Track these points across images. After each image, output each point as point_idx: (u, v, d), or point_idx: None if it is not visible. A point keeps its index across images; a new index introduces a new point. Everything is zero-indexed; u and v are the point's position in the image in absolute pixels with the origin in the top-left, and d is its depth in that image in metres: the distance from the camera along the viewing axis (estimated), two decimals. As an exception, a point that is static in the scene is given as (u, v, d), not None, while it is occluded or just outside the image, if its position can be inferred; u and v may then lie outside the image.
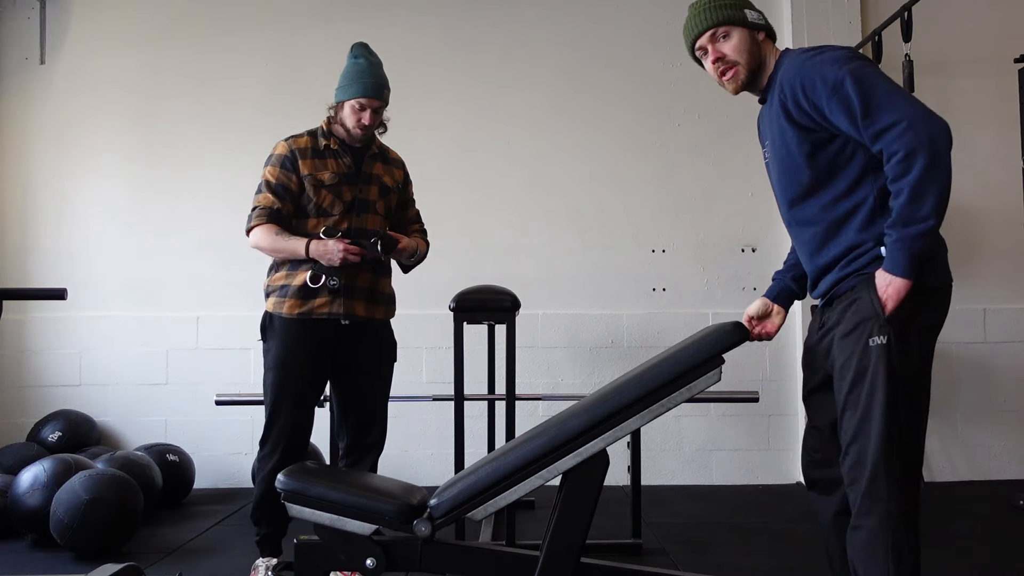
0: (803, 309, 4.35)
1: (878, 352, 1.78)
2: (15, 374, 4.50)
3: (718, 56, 1.97)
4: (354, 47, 2.75)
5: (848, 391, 1.83)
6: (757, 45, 1.98)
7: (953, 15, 4.47)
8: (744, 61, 1.96)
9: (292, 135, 2.77)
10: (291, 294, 2.66)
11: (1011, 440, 4.37)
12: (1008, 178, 4.18)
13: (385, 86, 2.74)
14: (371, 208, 2.75)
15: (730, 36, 1.96)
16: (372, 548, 1.90)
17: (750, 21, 1.97)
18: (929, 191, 1.73)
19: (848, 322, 1.84)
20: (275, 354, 2.68)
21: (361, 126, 2.70)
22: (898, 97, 1.80)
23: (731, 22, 1.95)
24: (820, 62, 1.85)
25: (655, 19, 4.57)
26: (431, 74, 4.57)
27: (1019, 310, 4.40)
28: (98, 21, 4.62)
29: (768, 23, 2.02)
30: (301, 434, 2.73)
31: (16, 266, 4.54)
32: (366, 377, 2.78)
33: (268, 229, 2.66)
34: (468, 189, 4.53)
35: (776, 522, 3.66)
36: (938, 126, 1.79)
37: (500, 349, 3.55)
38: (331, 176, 2.69)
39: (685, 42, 2.04)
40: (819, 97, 1.82)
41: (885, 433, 1.76)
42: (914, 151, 1.74)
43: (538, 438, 1.90)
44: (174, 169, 4.54)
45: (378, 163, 2.81)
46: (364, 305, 2.72)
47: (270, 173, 2.70)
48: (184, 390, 4.43)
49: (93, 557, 3.04)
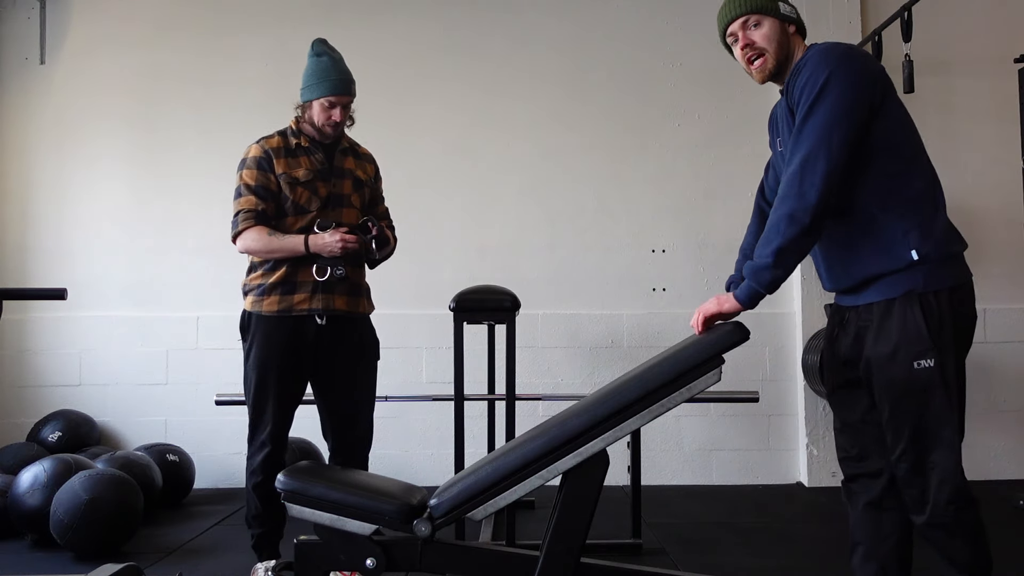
0: (803, 309, 4.35)
1: (926, 375, 1.83)
2: (15, 374, 4.50)
3: (747, 43, 2.00)
4: (314, 44, 2.74)
5: (895, 409, 1.88)
6: (787, 37, 2.01)
7: (953, 15, 4.47)
8: (772, 50, 1.99)
9: (263, 136, 2.77)
10: (269, 292, 2.66)
11: (1011, 440, 4.37)
12: (1008, 178, 4.18)
13: (351, 81, 2.74)
14: (346, 202, 2.75)
15: (761, 25, 1.99)
16: (372, 548, 1.89)
17: (782, 13, 2.01)
18: (780, 234, 1.84)
19: (886, 341, 1.87)
20: (256, 354, 2.68)
21: (332, 123, 2.70)
22: (823, 138, 1.83)
23: (763, 11, 1.99)
24: (821, 58, 1.89)
25: (655, 20, 4.57)
26: (432, 74, 4.57)
27: (1019, 310, 4.40)
28: (98, 21, 4.62)
29: (800, 18, 2.05)
30: (285, 432, 2.74)
31: (16, 266, 4.54)
32: (347, 374, 2.75)
33: (259, 231, 2.65)
34: (468, 189, 4.53)
35: (776, 522, 3.66)
36: (814, 192, 1.82)
37: (500, 349, 3.55)
38: (305, 173, 2.69)
39: (718, 27, 2.07)
40: (799, 87, 1.89)
41: (942, 440, 1.85)
42: (785, 196, 1.85)
43: (538, 438, 1.90)
44: (174, 169, 4.54)
45: (349, 157, 2.82)
46: (346, 299, 2.72)
47: (248, 176, 2.69)
48: (184, 390, 4.43)
49: (93, 557, 3.05)
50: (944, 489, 1.84)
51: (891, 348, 1.86)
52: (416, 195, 4.51)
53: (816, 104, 1.84)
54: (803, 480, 4.35)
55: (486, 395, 3.78)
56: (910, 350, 1.84)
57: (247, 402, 2.73)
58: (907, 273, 1.86)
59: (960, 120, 4.49)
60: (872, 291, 1.91)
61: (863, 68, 1.89)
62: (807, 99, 1.85)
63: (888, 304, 1.88)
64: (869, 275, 1.91)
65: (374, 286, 2.84)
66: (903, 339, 1.85)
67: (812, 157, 1.82)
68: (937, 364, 1.83)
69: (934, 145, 4.95)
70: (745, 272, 1.90)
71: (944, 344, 1.84)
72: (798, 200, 1.82)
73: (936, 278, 1.86)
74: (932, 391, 1.84)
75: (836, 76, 1.84)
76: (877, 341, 1.89)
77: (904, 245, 1.87)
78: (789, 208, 1.83)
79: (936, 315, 1.84)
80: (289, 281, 2.66)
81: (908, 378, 1.85)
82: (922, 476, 1.86)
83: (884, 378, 1.88)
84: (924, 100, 4.33)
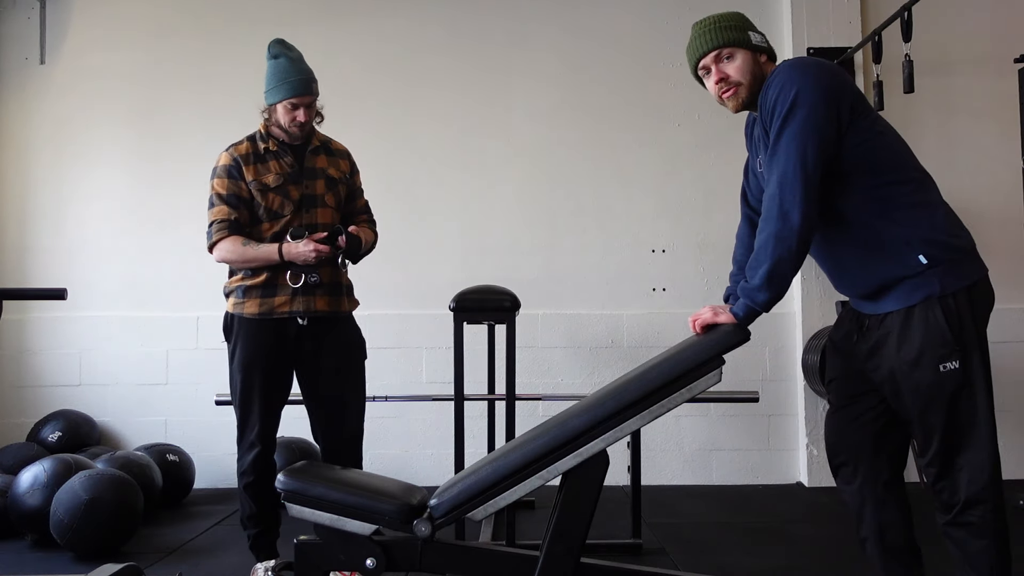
0: (803, 309, 4.35)
1: (952, 377, 1.86)
2: (15, 374, 4.50)
3: (721, 77, 2.02)
4: (271, 45, 2.72)
5: (924, 414, 1.90)
6: (759, 67, 2.02)
7: (953, 15, 4.47)
8: (747, 82, 2.00)
9: (232, 143, 2.76)
10: (249, 294, 2.66)
11: (1011, 440, 4.35)
12: (1008, 178, 4.18)
13: (312, 80, 2.72)
14: (320, 202, 2.73)
15: (734, 57, 2.01)
16: (372, 548, 1.89)
17: (754, 44, 2.02)
18: (769, 256, 1.85)
19: (909, 348, 1.88)
20: (240, 356, 2.68)
21: (297, 124, 2.69)
22: (797, 156, 1.84)
23: (736, 44, 2.00)
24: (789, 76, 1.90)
25: (655, 20, 4.57)
26: (432, 74, 4.57)
27: (1019, 310, 4.40)
28: (98, 21, 4.62)
29: (770, 46, 2.07)
30: (273, 432, 2.74)
31: (16, 266, 4.54)
32: (332, 374, 2.74)
33: (234, 241, 2.65)
34: (468, 189, 4.53)
35: (776, 522, 3.66)
36: (796, 212, 1.84)
37: (500, 349, 3.55)
38: (275, 178, 2.68)
39: (688, 61, 2.09)
40: (770, 102, 1.91)
41: (972, 441, 1.89)
42: (768, 217, 1.87)
43: (538, 438, 1.90)
44: (174, 169, 4.54)
45: (321, 156, 2.80)
46: (327, 299, 2.71)
47: (219, 185, 2.69)
48: (184, 390, 4.43)
49: (93, 557, 3.05)
50: (972, 488, 1.86)
51: (915, 354, 1.87)
52: (416, 195, 4.52)
53: (787, 121, 1.85)
54: (803, 480, 4.35)
55: (486, 395, 3.78)
56: (935, 354, 1.86)
57: (233, 403, 2.74)
58: (922, 278, 1.87)
59: (960, 120, 4.49)
60: (891, 299, 1.92)
61: (831, 83, 1.88)
62: (779, 116, 1.86)
63: (908, 311, 1.89)
64: (885, 281, 1.92)
65: (374, 286, 2.85)
66: (927, 344, 1.86)
67: (789, 176, 1.83)
68: (962, 365, 1.86)
69: (934, 145, 4.99)
70: (740, 293, 1.91)
71: (968, 343, 1.87)
72: (782, 222, 1.84)
73: (952, 279, 1.87)
74: (959, 393, 1.86)
75: (805, 92, 1.85)
76: (900, 349, 1.89)
77: (910, 252, 1.88)
78: (774, 229, 1.85)
79: (956, 316, 1.86)
80: (270, 284, 2.66)
81: (934, 382, 1.86)
82: (950, 478, 1.88)
83: (910, 384, 1.89)
84: (924, 100, 4.33)
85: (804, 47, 4.36)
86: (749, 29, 2.03)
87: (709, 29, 2.03)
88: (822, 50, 4.33)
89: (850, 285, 2.03)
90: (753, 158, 2.15)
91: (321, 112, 2.80)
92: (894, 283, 1.91)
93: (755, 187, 2.18)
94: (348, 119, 4.48)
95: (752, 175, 2.19)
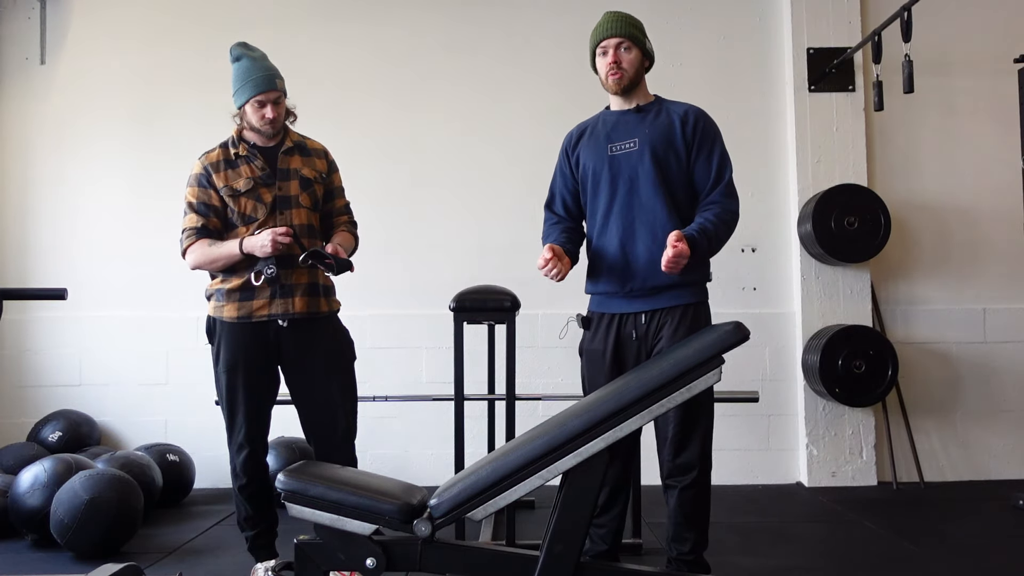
0: (803, 309, 4.35)
1: None
2: (15, 374, 4.50)
3: (616, 60, 2.49)
4: (232, 49, 2.74)
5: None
6: (643, 68, 2.55)
7: (953, 15, 4.47)
8: (632, 74, 2.51)
9: (205, 151, 2.77)
10: (228, 298, 2.66)
11: (1011, 440, 4.37)
12: (1008, 178, 4.18)
13: (275, 75, 2.73)
14: (295, 203, 2.71)
15: (631, 51, 2.50)
16: (372, 548, 1.90)
17: (646, 48, 2.54)
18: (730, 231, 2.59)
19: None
20: (223, 359, 2.68)
21: (267, 121, 2.68)
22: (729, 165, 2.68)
23: (636, 41, 2.50)
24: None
25: (655, 19, 4.54)
26: (432, 74, 4.57)
27: (1019, 310, 4.39)
28: (98, 21, 4.62)
29: (652, 61, 2.58)
30: (262, 432, 2.74)
31: (16, 266, 4.54)
32: (317, 374, 2.71)
33: (200, 244, 2.68)
34: (468, 189, 4.53)
35: (776, 522, 3.65)
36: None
37: (500, 349, 3.55)
38: (245, 183, 2.68)
39: (592, 38, 2.54)
40: (705, 138, 2.58)
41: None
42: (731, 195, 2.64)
43: (538, 438, 1.90)
44: (174, 169, 4.51)
45: (295, 156, 2.77)
46: (306, 300, 2.68)
47: (191, 194, 2.72)
48: (184, 390, 4.42)
49: (93, 557, 3.05)
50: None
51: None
52: (416, 195, 4.51)
53: (721, 145, 2.63)
54: (803, 480, 4.35)
55: (486, 395, 3.78)
56: None
57: (221, 406, 2.73)
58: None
59: (960, 120, 4.49)
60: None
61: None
62: (716, 137, 2.62)
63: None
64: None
65: (374, 286, 2.84)
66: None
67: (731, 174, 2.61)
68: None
69: (934, 145, 5.00)
70: (705, 240, 2.47)
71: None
72: (736, 202, 2.57)
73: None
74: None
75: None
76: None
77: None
78: (736, 211, 2.57)
79: None
80: (248, 287, 2.64)
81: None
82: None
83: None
84: (924, 100, 4.33)
85: (804, 47, 4.35)
86: (646, 38, 2.54)
87: (621, 21, 2.50)
88: (822, 50, 4.33)
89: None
90: (603, 144, 2.58)
91: (294, 111, 2.81)
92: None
93: (571, 186, 2.77)
94: (348, 119, 4.49)
95: (563, 177, 2.80)
